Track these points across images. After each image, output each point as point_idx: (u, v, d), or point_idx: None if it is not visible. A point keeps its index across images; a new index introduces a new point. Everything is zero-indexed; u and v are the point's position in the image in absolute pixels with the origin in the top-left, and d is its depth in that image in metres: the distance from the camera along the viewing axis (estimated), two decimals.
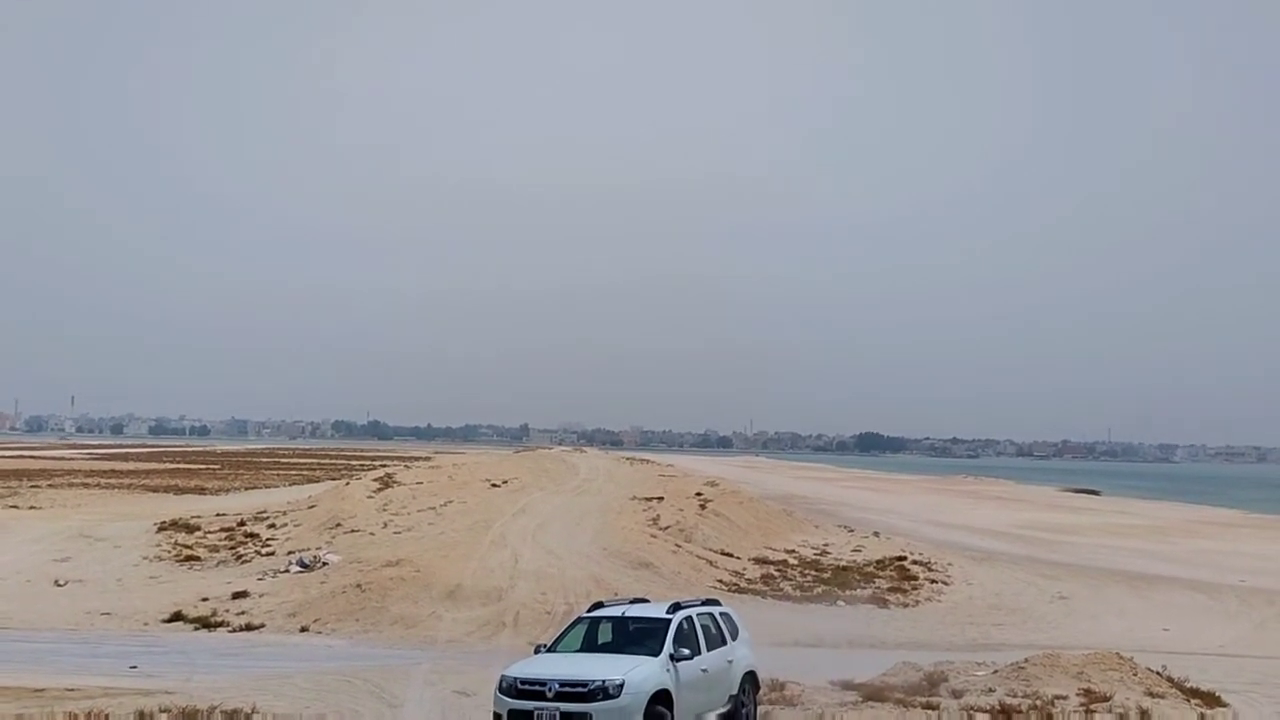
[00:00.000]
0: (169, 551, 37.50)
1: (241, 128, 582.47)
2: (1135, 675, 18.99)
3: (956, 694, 18.44)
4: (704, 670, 15.66)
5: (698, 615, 16.36)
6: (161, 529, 42.66)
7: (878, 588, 33.63)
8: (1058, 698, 17.82)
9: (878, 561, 38.68)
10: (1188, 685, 19.08)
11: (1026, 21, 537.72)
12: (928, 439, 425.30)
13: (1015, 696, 17.97)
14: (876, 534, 47.96)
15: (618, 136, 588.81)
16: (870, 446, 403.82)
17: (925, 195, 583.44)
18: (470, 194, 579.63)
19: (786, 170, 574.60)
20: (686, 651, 15.38)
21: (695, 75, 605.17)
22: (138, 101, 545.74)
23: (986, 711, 17.30)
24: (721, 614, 17.12)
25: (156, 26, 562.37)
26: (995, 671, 19.89)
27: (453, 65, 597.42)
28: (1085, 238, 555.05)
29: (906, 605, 31.61)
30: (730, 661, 16.38)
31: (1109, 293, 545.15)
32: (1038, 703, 17.59)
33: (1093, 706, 17.41)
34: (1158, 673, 19.42)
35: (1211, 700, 18.32)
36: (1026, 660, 19.94)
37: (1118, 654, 20.05)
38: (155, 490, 73.57)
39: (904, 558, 39.41)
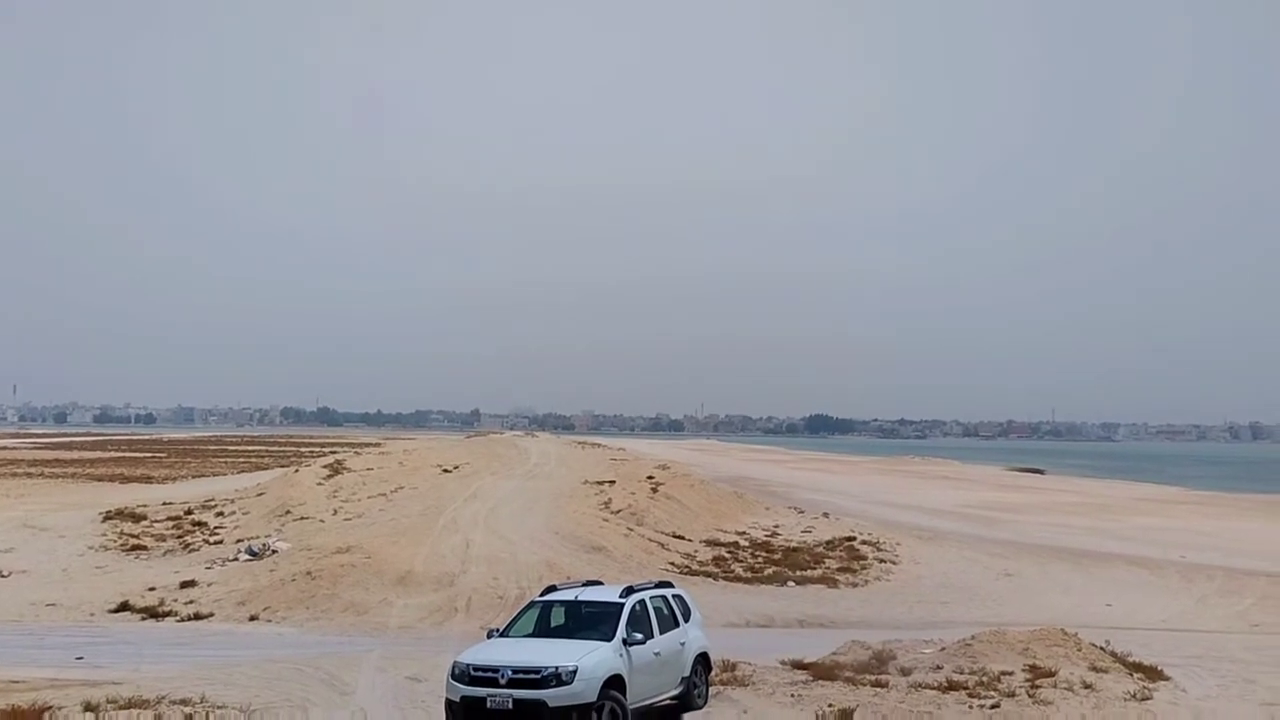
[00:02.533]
0: (115, 541, 37.08)
1: (210, 118, 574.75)
2: (1080, 650, 19.34)
3: (905, 671, 18.68)
4: (657, 653, 15.71)
5: (651, 598, 16.42)
6: (107, 518, 42.21)
7: (827, 568, 33.94)
8: (1004, 674, 18.11)
9: (827, 542, 39.06)
10: (1131, 659, 19.48)
11: (1031, 21, 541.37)
12: (876, 421, 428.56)
13: (962, 673, 18.23)
14: (826, 515, 48.42)
15: (584, 142, 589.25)
16: (819, 429, 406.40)
17: (902, 197, 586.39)
18: (427, 195, 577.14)
19: (751, 169, 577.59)
20: (640, 635, 15.42)
21: (660, 80, 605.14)
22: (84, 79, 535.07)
23: (934, 688, 17.54)
24: (674, 596, 17.20)
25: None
26: (942, 649, 20.16)
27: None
28: (1036, 247, 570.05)
29: (856, 585, 31.93)
30: (683, 644, 16.45)
31: (1059, 290, 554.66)
32: (984, 679, 17.86)
33: (1038, 682, 17.71)
34: (1101, 647, 19.82)
35: (1154, 674, 18.72)
36: (973, 637, 20.21)
37: (1062, 630, 20.40)
38: (100, 479, 72.50)
39: (853, 538, 39.83)
